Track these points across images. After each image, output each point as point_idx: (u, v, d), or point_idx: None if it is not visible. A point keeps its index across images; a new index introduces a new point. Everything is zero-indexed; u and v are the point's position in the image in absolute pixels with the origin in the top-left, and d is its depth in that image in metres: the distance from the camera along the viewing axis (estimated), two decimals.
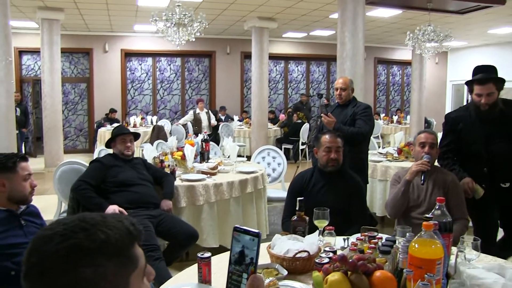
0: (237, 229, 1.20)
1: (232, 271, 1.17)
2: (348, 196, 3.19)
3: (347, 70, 6.81)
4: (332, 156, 3.22)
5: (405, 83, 17.06)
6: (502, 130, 3.28)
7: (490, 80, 3.22)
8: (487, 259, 2.36)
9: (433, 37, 9.11)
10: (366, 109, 4.47)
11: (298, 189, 3.24)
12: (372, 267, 1.57)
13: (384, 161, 5.60)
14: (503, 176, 3.31)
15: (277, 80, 15.25)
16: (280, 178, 5.64)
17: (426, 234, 1.61)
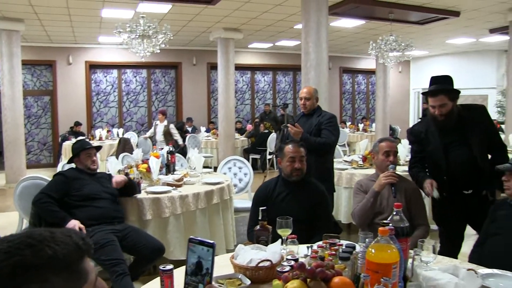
0: (192, 240, 1.20)
1: (188, 282, 1.18)
2: (312, 205, 3.21)
3: (311, 79, 6.90)
4: (296, 166, 3.25)
5: (370, 92, 17.39)
6: (460, 137, 3.30)
7: (441, 92, 3.24)
8: (445, 261, 2.43)
9: (395, 46, 9.34)
10: (331, 119, 4.50)
11: (263, 199, 3.25)
12: (330, 274, 1.59)
13: (349, 169, 5.68)
14: (463, 183, 3.33)
15: (243, 90, 15.32)
16: (247, 188, 5.65)
17: (383, 239, 1.65)
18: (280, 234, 2.50)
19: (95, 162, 4.06)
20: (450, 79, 3.34)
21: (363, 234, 2.30)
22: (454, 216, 3.41)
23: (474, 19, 10.23)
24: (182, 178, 4.75)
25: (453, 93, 3.26)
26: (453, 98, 3.25)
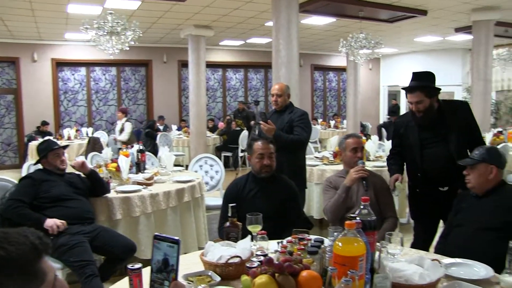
0: (157, 237, 1.20)
1: (154, 280, 1.17)
2: (283, 201, 3.24)
3: (282, 77, 6.93)
4: (265, 162, 3.27)
5: (341, 89, 17.58)
6: (439, 134, 3.31)
7: (418, 89, 3.25)
8: (411, 252, 2.49)
9: (365, 44, 9.46)
10: (303, 116, 4.50)
11: (233, 196, 3.25)
12: (298, 268, 1.61)
13: (320, 165, 5.74)
14: (438, 180, 3.35)
15: (215, 88, 15.29)
16: (219, 186, 5.65)
17: (350, 233, 1.67)
18: (250, 230, 2.52)
19: (64, 161, 3.99)
20: (430, 75, 3.33)
21: (332, 229, 2.33)
22: (428, 212, 3.45)
23: (441, 18, 10.46)
24: (153, 176, 4.72)
25: (431, 90, 3.26)
26: (431, 95, 3.25)
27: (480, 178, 2.76)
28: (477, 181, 2.77)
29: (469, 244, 2.61)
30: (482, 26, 9.85)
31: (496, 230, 2.52)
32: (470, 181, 2.81)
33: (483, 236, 2.59)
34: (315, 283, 1.60)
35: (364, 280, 1.66)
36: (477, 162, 2.78)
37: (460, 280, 2.04)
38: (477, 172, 2.77)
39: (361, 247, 1.63)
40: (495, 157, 2.81)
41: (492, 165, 2.76)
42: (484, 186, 2.76)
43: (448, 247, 2.75)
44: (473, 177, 2.79)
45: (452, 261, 2.31)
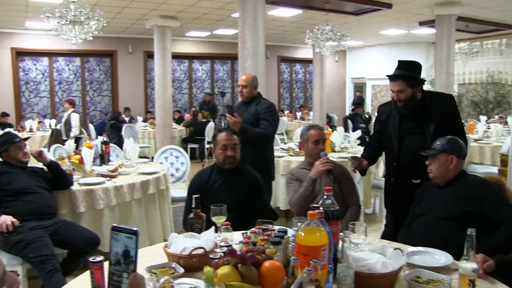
0: (115, 229, 1.17)
1: (112, 272, 1.15)
2: (247, 192, 3.24)
3: (248, 68, 6.91)
4: (229, 154, 3.25)
5: (308, 81, 17.68)
6: (419, 125, 3.28)
7: (400, 77, 3.21)
8: (375, 242, 2.53)
9: (331, 36, 9.53)
10: (270, 108, 4.44)
11: (198, 188, 3.21)
12: (261, 258, 1.61)
13: (286, 156, 5.77)
14: (412, 172, 3.32)
15: (181, 79, 15.14)
16: (184, 178, 5.61)
17: (313, 223, 1.68)
18: (215, 222, 2.50)
19: (27, 154, 3.89)
20: (416, 65, 3.28)
21: (296, 219, 2.34)
22: (400, 202, 3.41)
23: (405, 12, 10.62)
24: (117, 168, 4.64)
25: (413, 80, 3.22)
26: (413, 85, 3.20)
27: (441, 168, 2.80)
28: (438, 171, 2.81)
29: (430, 233, 2.66)
30: (445, 21, 10.06)
31: (457, 220, 2.57)
32: (432, 171, 2.85)
33: (444, 225, 2.64)
34: (278, 273, 1.60)
35: (327, 270, 1.67)
36: (438, 152, 2.82)
37: (421, 267, 2.08)
38: (438, 162, 2.81)
39: (324, 237, 1.64)
40: (456, 147, 2.85)
41: (452, 155, 2.80)
42: (445, 176, 2.81)
43: (411, 236, 2.79)
44: (434, 167, 2.83)
45: (414, 249, 2.36)
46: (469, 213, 2.59)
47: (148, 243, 4.15)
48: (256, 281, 1.58)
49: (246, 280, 1.56)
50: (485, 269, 2.06)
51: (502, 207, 2.57)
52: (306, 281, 1.46)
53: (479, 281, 1.96)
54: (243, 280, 1.57)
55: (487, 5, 10.01)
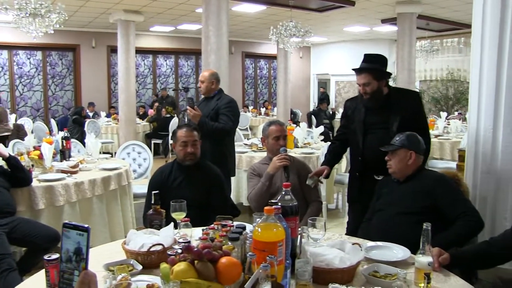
0: (66, 225, 1.14)
1: (63, 270, 1.11)
2: (208, 188, 3.21)
3: (212, 64, 6.86)
4: (189, 150, 3.22)
5: (272, 76, 17.72)
6: (383, 120, 3.26)
7: (366, 70, 3.20)
8: (334, 237, 2.55)
9: (294, 32, 9.54)
10: (230, 103, 4.43)
11: (158, 184, 3.19)
12: (218, 255, 1.60)
13: (249, 152, 5.76)
14: (375, 168, 3.30)
15: (145, 74, 14.95)
16: (147, 174, 5.55)
17: (270, 219, 1.67)
18: (175, 218, 2.48)
19: None
20: (381, 59, 3.28)
21: (257, 215, 2.33)
22: (363, 197, 3.40)
23: (367, 9, 10.77)
24: (78, 164, 4.54)
25: (379, 73, 3.21)
26: (379, 78, 3.19)
27: (400, 164, 2.84)
28: (397, 166, 2.84)
29: (389, 228, 2.69)
30: (406, 18, 10.25)
31: (414, 214, 2.61)
32: (391, 166, 2.88)
33: (402, 220, 2.67)
34: (235, 269, 1.59)
35: (283, 265, 1.67)
36: (397, 147, 2.85)
37: (379, 262, 2.10)
38: (397, 158, 2.84)
39: (280, 232, 1.63)
40: (414, 143, 2.89)
41: (411, 150, 2.84)
42: (404, 171, 2.84)
43: (370, 231, 2.82)
44: (394, 162, 2.86)
45: (373, 244, 2.38)
46: (427, 208, 2.64)
47: (110, 240, 4.09)
48: (212, 277, 1.57)
49: (202, 276, 1.55)
50: (441, 262, 2.10)
51: (458, 202, 2.63)
52: (262, 277, 1.45)
53: (435, 274, 2.00)
54: (200, 276, 1.55)
55: (444, 5, 10.26)
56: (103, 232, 4.26)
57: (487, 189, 3.33)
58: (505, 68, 3.20)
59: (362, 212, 3.43)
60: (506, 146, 3.25)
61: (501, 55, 3.21)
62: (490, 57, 3.25)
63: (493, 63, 3.24)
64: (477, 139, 3.38)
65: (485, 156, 3.33)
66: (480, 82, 3.33)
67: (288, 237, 1.72)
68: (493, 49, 3.23)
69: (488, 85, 3.28)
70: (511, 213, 3.24)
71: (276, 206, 1.73)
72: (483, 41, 3.30)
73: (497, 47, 3.21)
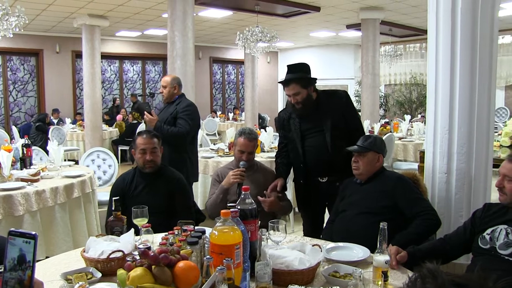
0: (12, 233, 1.12)
1: (7, 280, 1.09)
2: (170, 194, 3.20)
3: (177, 69, 6.87)
4: (147, 158, 3.20)
5: (240, 82, 17.75)
6: (317, 124, 3.33)
7: (293, 81, 3.23)
8: (296, 239, 2.57)
9: (261, 37, 9.60)
10: (188, 107, 4.44)
11: (120, 191, 3.18)
12: (175, 259, 1.60)
13: (215, 157, 5.76)
14: (318, 171, 3.38)
15: (111, 80, 14.76)
16: (112, 180, 5.46)
17: (228, 222, 1.69)
18: (137, 224, 2.46)
19: None
20: (304, 66, 3.33)
21: (219, 220, 2.34)
22: (311, 202, 3.50)
23: (333, 15, 10.93)
24: (39, 172, 4.44)
25: (305, 80, 3.26)
26: (306, 85, 3.25)
27: (368, 166, 2.90)
28: (365, 168, 2.90)
29: (350, 228, 2.75)
30: (370, 24, 10.47)
31: (376, 214, 2.66)
32: (359, 168, 2.93)
33: (363, 220, 2.73)
34: (192, 273, 1.60)
35: (241, 268, 1.68)
36: (366, 150, 2.91)
37: (339, 262, 2.14)
38: (366, 160, 2.90)
39: (237, 235, 1.65)
40: (382, 146, 3.00)
41: (379, 153, 2.94)
42: (370, 173, 2.92)
43: (334, 232, 2.87)
44: (362, 164, 2.91)
45: (333, 245, 2.42)
46: (387, 208, 2.71)
47: (73, 248, 4.01)
48: (169, 282, 1.57)
49: (159, 281, 1.55)
50: (398, 260, 2.16)
51: (416, 201, 2.71)
52: (219, 280, 1.46)
53: (392, 272, 2.05)
54: (156, 281, 1.55)
55: (405, 11, 10.52)
56: (66, 242, 4.18)
57: (445, 188, 3.44)
58: (458, 71, 3.33)
59: (315, 214, 3.52)
60: (461, 147, 3.37)
61: (453, 59, 3.34)
62: (444, 62, 3.39)
63: (447, 67, 3.37)
64: (434, 140, 3.49)
65: (442, 157, 3.44)
66: (436, 85, 3.45)
67: (246, 240, 1.73)
68: (446, 54, 3.37)
69: (443, 88, 3.40)
70: (466, 210, 3.36)
71: (233, 209, 1.74)
72: (437, 46, 3.42)
73: (450, 52, 3.35)
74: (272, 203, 3.20)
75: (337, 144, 3.26)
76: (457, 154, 3.38)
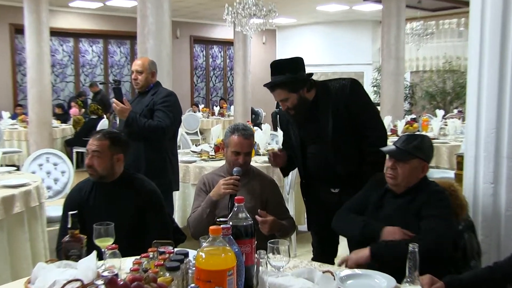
0: None
1: None
2: (141, 209, 3.17)
3: (150, 50, 6.86)
4: (86, 162, 3.20)
5: (228, 67, 17.80)
6: (316, 131, 3.33)
7: (276, 86, 3.24)
8: (302, 264, 2.57)
9: (255, 11, 9.61)
10: (167, 97, 4.47)
11: (76, 204, 3.15)
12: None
13: (198, 161, 5.75)
14: (323, 182, 3.42)
15: (64, 63, 14.80)
16: (65, 191, 5.45)
17: (218, 242, 1.68)
18: (99, 245, 2.45)
19: None
20: (292, 64, 3.29)
21: (205, 240, 2.34)
22: (319, 220, 3.54)
23: None
24: None
25: (293, 84, 3.22)
26: (295, 89, 3.22)
27: (410, 176, 2.83)
28: (405, 179, 2.83)
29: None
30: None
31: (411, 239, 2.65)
32: (396, 178, 2.84)
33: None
34: None
35: None
36: (410, 156, 2.83)
37: None
38: (408, 168, 2.82)
39: (230, 258, 1.65)
40: (430, 151, 2.93)
41: (425, 162, 2.86)
42: (410, 184, 2.85)
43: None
44: (402, 173, 2.82)
45: (350, 272, 2.41)
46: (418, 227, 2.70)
47: (11, 279, 3.96)
48: None
49: None
50: None
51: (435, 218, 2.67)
52: None
53: None
54: None
55: None
56: (3, 270, 4.15)
57: (491, 202, 3.40)
58: (510, 54, 3.23)
59: (324, 237, 3.53)
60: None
61: (505, 37, 3.22)
62: (492, 41, 3.27)
63: (495, 49, 3.24)
64: (477, 142, 3.44)
65: (488, 162, 3.40)
66: (480, 72, 3.38)
67: (240, 264, 1.73)
68: (495, 31, 3.24)
69: (490, 75, 3.31)
70: None
71: (225, 225, 1.74)
72: (483, 22, 3.34)
73: (500, 28, 3.22)
74: (274, 224, 3.18)
75: (344, 153, 3.27)
76: (507, 159, 3.32)
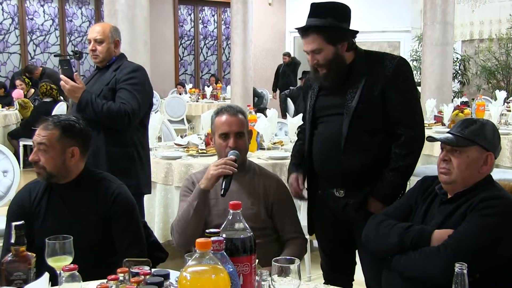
0: None
1: None
2: (107, 218, 3.16)
3: (120, 13, 6.83)
4: (30, 158, 3.25)
5: (224, 36, 17.80)
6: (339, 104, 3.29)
7: (312, 30, 3.21)
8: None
9: None
10: (134, 73, 4.42)
11: (22, 211, 3.16)
12: None
13: (184, 157, 5.75)
14: (329, 178, 3.43)
15: (6, 29, 14.89)
16: (9, 196, 5.48)
17: (207, 258, 1.69)
18: (53, 266, 2.46)
19: None
20: (337, 8, 3.28)
21: (190, 257, 2.34)
22: (327, 230, 3.57)
23: None
24: None
25: (335, 32, 3.23)
26: (335, 40, 3.21)
27: (468, 170, 2.78)
28: (461, 173, 2.77)
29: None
30: None
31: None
32: (450, 172, 2.80)
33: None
34: None
35: None
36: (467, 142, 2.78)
37: None
38: (464, 159, 2.77)
39: (222, 280, 1.65)
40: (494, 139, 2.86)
41: (489, 152, 2.80)
42: (467, 183, 2.80)
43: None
44: (457, 165, 2.77)
45: None
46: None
47: None
48: None
49: None
50: None
51: None
52: None
53: None
54: None
55: None
56: None
57: None
58: None
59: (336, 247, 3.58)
60: None
61: None
62: None
63: None
64: None
65: None
66: None
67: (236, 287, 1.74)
68: None
69: None
70: None
71: (216, 237, 1.74)
72: None
73: None
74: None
75: (357, 139, 3.26)
76: None
